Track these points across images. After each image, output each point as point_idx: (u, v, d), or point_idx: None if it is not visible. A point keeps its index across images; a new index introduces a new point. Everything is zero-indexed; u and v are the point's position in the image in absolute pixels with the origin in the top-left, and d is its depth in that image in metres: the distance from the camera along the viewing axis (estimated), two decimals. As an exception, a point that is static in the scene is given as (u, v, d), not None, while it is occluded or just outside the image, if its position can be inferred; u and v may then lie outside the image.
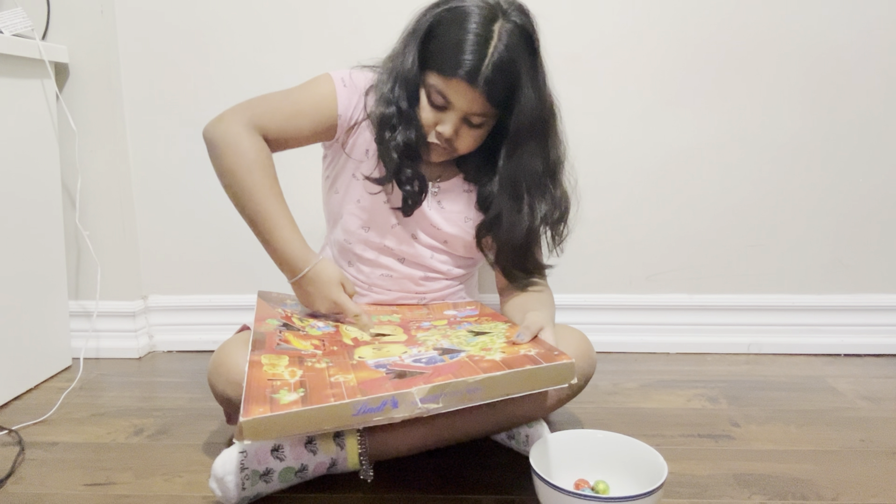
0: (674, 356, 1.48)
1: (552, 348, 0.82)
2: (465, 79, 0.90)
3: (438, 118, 0.96)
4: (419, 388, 0.71)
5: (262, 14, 1.41)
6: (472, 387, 0.72)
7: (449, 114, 0.95)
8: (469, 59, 0.89)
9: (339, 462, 0.91)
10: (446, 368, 0.77)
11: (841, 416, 1.15)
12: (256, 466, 0.86)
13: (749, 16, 1.37)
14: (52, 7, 1.36)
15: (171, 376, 1.40)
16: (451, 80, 0.91)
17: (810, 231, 1.46)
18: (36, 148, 1.33)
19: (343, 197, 1.09)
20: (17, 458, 1.03)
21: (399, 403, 0.70)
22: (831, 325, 1.48)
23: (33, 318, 1.33)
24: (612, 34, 1.40)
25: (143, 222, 1.52)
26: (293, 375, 0.78)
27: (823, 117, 1.41)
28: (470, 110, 0.94)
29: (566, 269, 1.48)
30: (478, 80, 0.89)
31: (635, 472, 0.84)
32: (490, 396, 0.73)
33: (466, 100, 0.93)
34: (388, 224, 1.08)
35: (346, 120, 1.03)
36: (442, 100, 0.94)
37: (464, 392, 0.72)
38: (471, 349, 0.84)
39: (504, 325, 0.95)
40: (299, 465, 0.89)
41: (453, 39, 0.90)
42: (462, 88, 0.91)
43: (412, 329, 0.98)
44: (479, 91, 0.90)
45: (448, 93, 0.93)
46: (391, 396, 0.70)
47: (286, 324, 0.96)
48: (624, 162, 1.45)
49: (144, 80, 1.45)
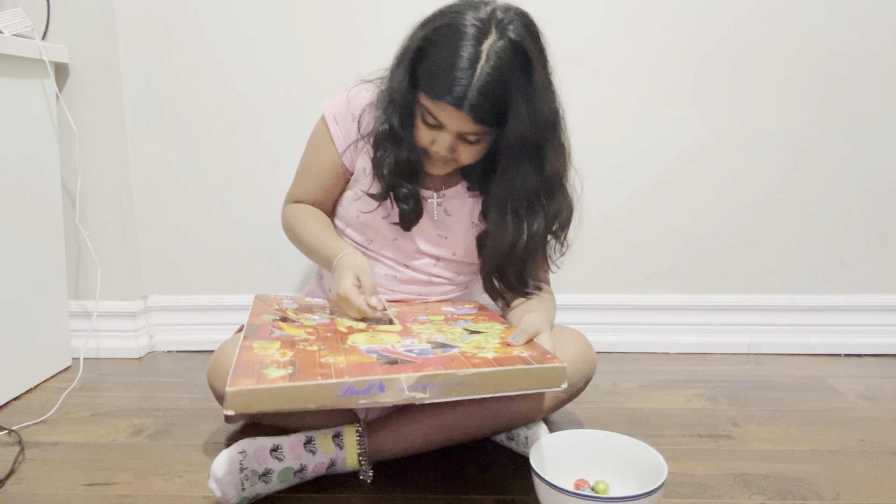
0: (674, 356, 1.48)
1: (546, 352, 0.81)
2: (451, 104, 0.88)
3: (433, 136, 0.95)
4: (408, 375, 0.71)
5: (261, 14, 1.41)
6: (460, 380, 0.72)
7: (442, 133, 0.94)
8: (454, 83, 0.87)
9: (339, 462, 0.91)
10: (437, 361, 0.77)
11: (841, 416, 1.15)
12: (255, 466, 0.86)
13: (749, 17, 1.37)
14: (52, 7, 1.36)
15: (171, 376, 1.40)
16: (438, 104, 0.90)
17: (810, 231, 1.46)
18: (36, 148, 1.33)
19: (346, 211, 1.10)
20: (17, 458, 1.03)
21: (386, 388, 0.71)
22: (831, 325, 1.48)
23: (33, 318, 1.33)
24: (612, 34, 1.40)
25: (143, 222, 1.52)
26: (283, 356, 0.78)
27: (823, 118, 1.41)
28: (461, 130, 0.92)
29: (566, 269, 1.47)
30: (464, 104, 0.87)
31: (635, 472, 0.84)
32: (478, 392, 0.73)
33: (455, 122, 0.91)
34: (388, 238, 1.08)
35: (350, 144, 1.06)
36: (434, 120, 0.93)
37: (452, 384, 0.72)
38: (464, 346, 0.84)
39: (500, 326, 0.95)
40: (298, 466, 0.89)
41: (441, 63, 0.88)
42: (450, 112, 0.90)
43: (408, 321, 0.98)
44: (466, 114, 0.89)
45: (438, 115, 0.92)
46: (379, 380, 0.71)
47: (282, 317, 0.96)
48: (624, 162, 1.45)
49: (144, 80, 1.45)
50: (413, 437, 0.94)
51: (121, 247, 1.47)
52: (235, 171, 1.48)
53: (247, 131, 1.46)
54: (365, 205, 1.06)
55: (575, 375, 0.97)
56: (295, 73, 1.43)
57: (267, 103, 1.44)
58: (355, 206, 1.08)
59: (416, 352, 0.81)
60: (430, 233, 1.08)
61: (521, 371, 0.74)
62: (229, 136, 1.46)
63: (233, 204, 1.49)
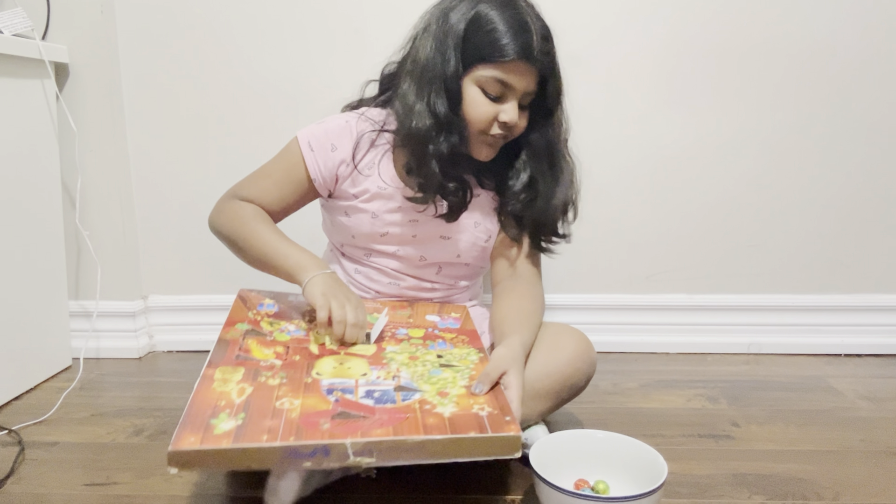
0: (674, 356, 1.48)
1: (505, 411, 0.77)
2: (523, 57, 0.92)
3: (497, 109, 0.97)
4: (354, 440, 0.70)
5: (262, 14, 1.41)
6: (409, 447, 0.71)
7: (508, 100, 0.96)
8: (522, 39, 0.92)
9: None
10: (392, 414, 0.75)
11: (841, 416, 1.15)
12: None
13: (748, 16, 1.37)
14: (52, 7, 1.36)
15: (171, 376, 1.40)
16: (508, 65, 0.93)
17: (810, 231, 1.46)
18: (36, 148, 1.33)
19: (340, 231, 1.10)
20: (17, 458, 1.03)
21: (331, 452, 0.70)
22: (831, 325, 1.48)
23: (33, 318, 1.33)
24: (612, 35, 1.39)
25: (143, 222, 1.52)
26: (241, 394, 0.78)
27: (823, 117, 1.41)
28: (527, 89, 0.96)
29: (566, 269, 1.48)
30: (533, 54, 0.92)
31: (635, 472, 0.84)
32: (426, 458, 0.72)
33: (525, 79, 0.95)
34: (388, 252, 1.08)
35: (324, 180, 1.05)
36: (500, 88, 0.95)
37: (400, 450, 0.71)
38: (428, 389, 0.82)
39: (475, 358, 0.91)
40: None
41: (498, 28, 0.92)
42: (521, 68, 0.93)
43: (386, 335, 0.97)
44: (537, 66, 0.94)
45: (507, 77, 0.94)
46: (323, 445, 0.69)
47: (253, 329, 0.95)
48: (624, 162, 1.45)
49: (144, 80, 1.45)
50: None
51: (121, 247, 1.47)
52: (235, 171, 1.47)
53: (247, 131, 1.45)
54: (385, 218, 1.05)
55: (575, 375, 0.98)
56: (296, 73, 1.43)
57: (267, 103, 1.44)
58: (360, 227, 1.06)
59: (376, 396, 0.80)
60: (433, 235, 1.08)
61: (472, 440, 0.72)
62: (230, 135, 1.46)
63: (233, 204, 1.49)
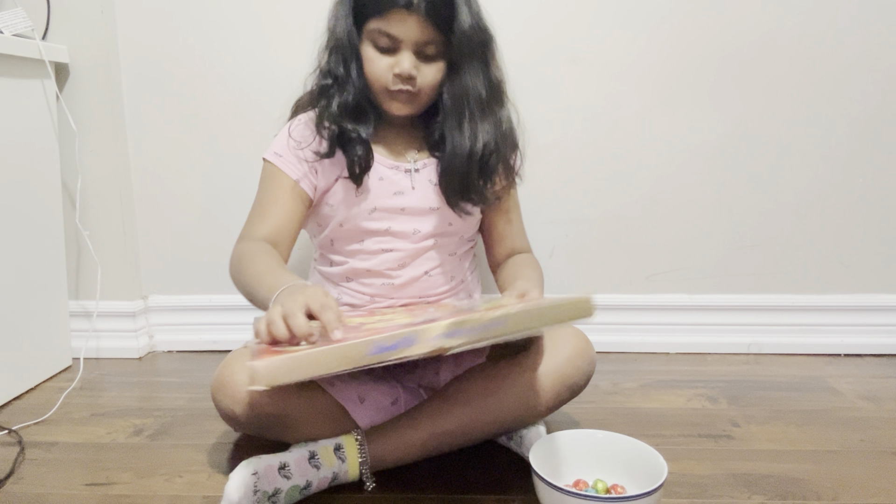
0: (674, 356, 1.48)
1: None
2: (401, 6, 0.92)
3: (391, 61, 0.97)
4: (437, 324, 0.68)
5: (262, 14, 1.41)
6: (490, 323, 0.69)
7: (401, 52, 0.96)
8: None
9: (340, 475, 0.91)
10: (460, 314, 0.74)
11: (841, 416, 1.15)
12: (266, 487, 0.84)
13: (748, 16, 1.37)
14: (52, 7, 1.36)
15: (171, 376, 1.40)
16: (390, 14, 0.93)
17: (810, 231, 1.46)
18: (36, 148, 1.33)
19: (328, 222, 1.07)
20: (17, 458, 1.03)
21: (416, 340, 0.67)
22: (831, 325, 1.48)
23: (33, 318, 1.33)
24: (612, 35, 1.39)
25: (143, 222, 1.52)
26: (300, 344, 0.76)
27: (823, 117, 1.41)
28: (419, 39, 0.95)
29: (567, 270, 1.48)
30: (412, 2, 0.91)
31: (635, 472, 0.84)
32: (510, 331, 0.70)
33: (410, 29, 0.94)
34: (383, 227, 1.05)
35: (305, 175, 1.04)
36: (388, 40, 0.95)
37: (483, 328, 0.69)
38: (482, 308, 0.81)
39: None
40: (304, 483, 0.88)
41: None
42: (403, 17, 0.93)
43: (416, 312, 0.95)
44: (421, 15, 0.92)
45: (391, 28, 0.94)
46: (408, 333, 0.67)
47: None
48: (623, 162, 1.44)
49: (144, 80, 1.45)
50: (413, 444, 0.93)
51: (121, 247, 1.48)
52: (236, 171, 1.48)
53: (247, 131, 1.45)
54: (370, 191, 1.03)
55: (575, 374, 0.98)
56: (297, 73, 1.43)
57: (268, 103, 1.44)
58: (348, 208, 1.04)
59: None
60: (422, 209, 1.05)
61: (550, 305, 0.72)
62: (230, 135, 1.46)
63: (233, 204, 1.49)
